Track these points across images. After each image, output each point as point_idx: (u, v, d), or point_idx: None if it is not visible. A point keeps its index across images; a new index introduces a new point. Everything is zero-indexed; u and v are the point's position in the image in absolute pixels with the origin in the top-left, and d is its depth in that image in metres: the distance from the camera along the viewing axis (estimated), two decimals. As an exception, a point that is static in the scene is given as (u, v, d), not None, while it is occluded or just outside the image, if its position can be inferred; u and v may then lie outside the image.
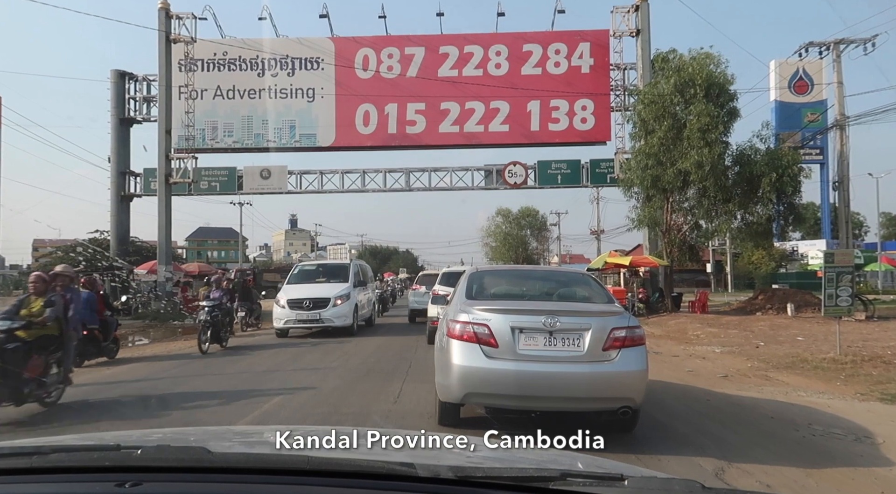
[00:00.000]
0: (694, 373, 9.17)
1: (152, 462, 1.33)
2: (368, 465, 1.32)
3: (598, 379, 4.83)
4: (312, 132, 25.48)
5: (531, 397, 4.87)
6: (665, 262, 20.34)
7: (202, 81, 25.05)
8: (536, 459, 1.63)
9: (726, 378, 8.85)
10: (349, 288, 14.97)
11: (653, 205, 20.11)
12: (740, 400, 7.13)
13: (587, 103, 25.05)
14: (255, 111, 25.45)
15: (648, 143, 18.57)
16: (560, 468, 1.39)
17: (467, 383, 4.87)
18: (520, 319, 4.90)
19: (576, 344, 4.83)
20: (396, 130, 25.36)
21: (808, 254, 48.50)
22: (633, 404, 4.91)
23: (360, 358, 10.80)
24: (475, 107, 25.28)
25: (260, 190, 26.09)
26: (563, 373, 4.80)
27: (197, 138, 24.94)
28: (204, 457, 1.33)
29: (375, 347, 12.54)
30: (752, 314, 20.14)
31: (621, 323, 4.92)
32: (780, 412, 6.46)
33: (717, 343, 13.18)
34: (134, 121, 25.75)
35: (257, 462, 1.39)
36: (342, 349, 12.18)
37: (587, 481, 1.30)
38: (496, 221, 50.77)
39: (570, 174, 25.66)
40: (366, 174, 26.37)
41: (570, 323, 4.87)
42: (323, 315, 14.19)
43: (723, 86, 17.74)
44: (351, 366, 9.87)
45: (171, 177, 23.40)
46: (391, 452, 1.53)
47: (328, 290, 14.63)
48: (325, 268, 16.85)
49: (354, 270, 16.03)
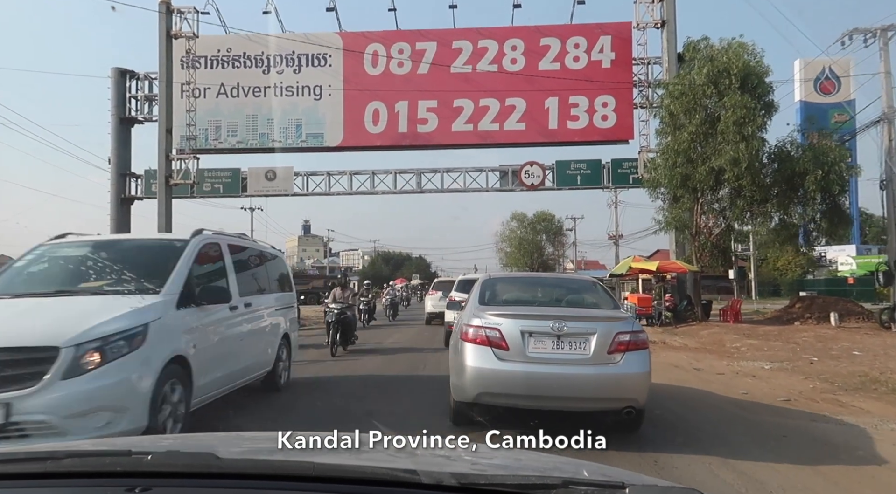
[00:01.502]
0: (750, 397, 7.80)
1: (162, 468, 1.35)
2: (373, 472, 1.37)
3: (604, 381, 5.06)
4: (319, 131, 24.35)
5: (540, 397, 5.06)
6: (695, 267, 18.91)
7: (205, 79, 24.02)
8: (540, 466, 1.66)
9: (789, 402, 7.47)
10: (151, 313, 4.77)
11: (681, 207, 18.72)
12: (826, 434, 5.76)
13: (608, 100, 23.69)
14: (259, 110, 24.38)
15: (677, 139, 17.20)
16: (562, 475, 1.37)
17: (480, 383, 5.09)
18: (529, 324, 5.13)
19: (582, 347, 5.04)
20: (407, 129, 24.16)
21: (836, 260, 46.64)
22: (637, 404, 5.09)
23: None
24: (490, 104, 24.02)
25: (265, 192, 25.00)
26: (570, 375, 5.04)
27: (199, 138, 23.89)
28: (212, 463, 1.34)
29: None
30: (790, 323, 18.64)
31: (625, 328, 5.16)
32: (883, 454, 5.10)
33: (763, 357, 11.76)
34: (135, 120, 24.79)
35: (264, 468, 1.40)
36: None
37: (589, 489, 1.30)
38: (511, 226, 49.54)
39: (590, 175, 24.28)
40: (375, 175, 25.19)
41: (576, 327, 5.09)
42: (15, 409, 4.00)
43: (760, 78, 16.33)
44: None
45: (172, 178, 22.37)
46: (396, 457, 1.57)
47: (66, 318, 4.52)
48: (110, 254, 5.81)
49: (189, 260, 5.54)
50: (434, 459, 1.60)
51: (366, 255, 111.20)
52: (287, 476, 1.34)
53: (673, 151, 17.60)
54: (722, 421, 6.35)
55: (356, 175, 25.25)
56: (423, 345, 13.53)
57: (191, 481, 1.33)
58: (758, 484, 4.29)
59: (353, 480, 1.32)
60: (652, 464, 4.66)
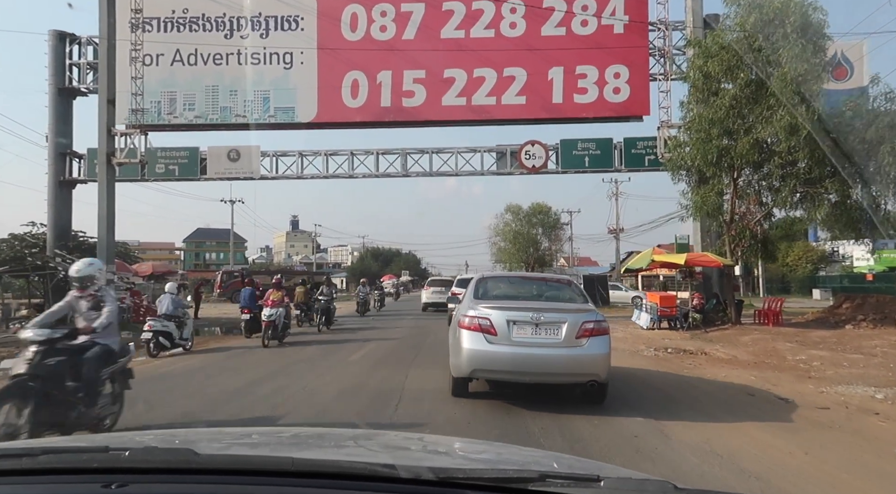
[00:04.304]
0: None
1: (139, 464, 1.34)
2: (351, 466, 1.36)
3: (572, 360, 6.36)
4: (290, 105, 21.19)
5: (522, 372, 6.45)
6: (729, 261, 15.97)
7: (158, 44, 20.83)
8: (519, 460, 1.68)
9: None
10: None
11: (711, 189, 15.77)
12: None
13: (621, 70, 20.68)
14: (221, 80, 21.17)
15: (713, 107, 14.23)
16: (539, 469, 1.40)
17: (474, 362, 6.44)
18: (513, 314, 6.43)
19: (555, 333, 6.34)
20: (391, 103, 21.04)
21: (851, 255, 43.93)
22: (599, 379, 6.40)
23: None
24: (485, 75, 20.95)
25: (227, 174, 21.80)
26: (546, 355, 6.34)
27: (150, 112, 20.71)
28: (191, 459, 1.33)
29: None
30: (840, 326, 15.76)
31: (590, 318, 6.48)
32: None
33: (856, 378, 8.78)
34: (77, 92, 21.50)
35: (242, 464, 1.40)
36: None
37: (565, 482, 1.31)
38: (505, 219, 46.34)
39: (599, 156, 21.28)
40: (354, 156, 22.08)
41: (551, 317, 6.39)
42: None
43: (818, 29, 13.37)
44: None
45: (115, 156, 19.19)
46: (376, 453, 1.60)
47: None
48: None
49: None
50: (413, 454, 1.68)
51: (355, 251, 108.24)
52: (266, 472, 1.33)
53: (706, 122, 14.64)
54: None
55: (333, 156, 22.16)
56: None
57: (169, 477, 1.31)
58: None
59: (331, 475, 1.31)
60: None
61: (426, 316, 23.54)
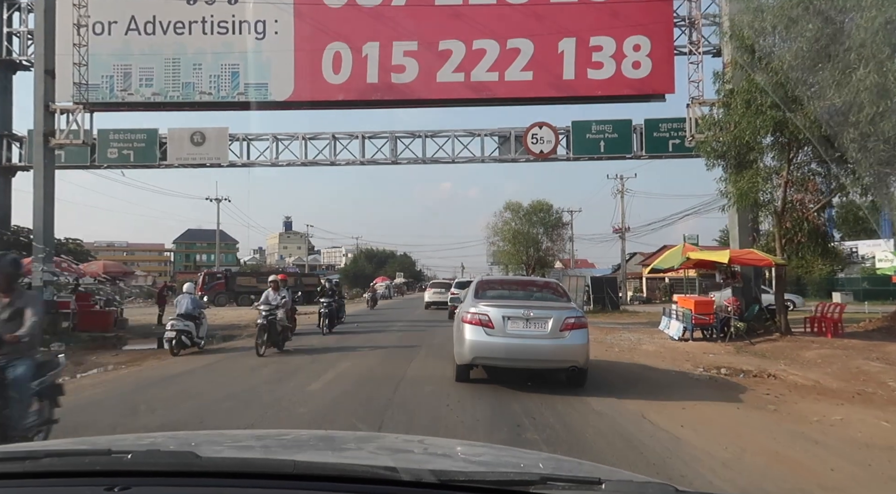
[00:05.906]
0: None
1: (142, 467, 1.34)
2: (352, 469, 1.37)
3: (556, 349, 7.74)
4: (263, 81, 18.48)
5: (515, 359, 7.85)
6: (781, 260, 13.32)
7: (111, 11, 18.14)
8: (520, 463, 1.69)
9: None
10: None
11: (757, 173, 13.16)
12: None
13: (641, 41, 18.06)
14: (183, 52, 18.44)
15: (769, 70, 11.58)
16: (541, 472, 1.40)
17: (474, 351, 7.82)
18: (508, 311, 7.79)
19: (542, 326, 7.70)
20: (378, 79, 18.36)
21: (873, 256, 41.38)
22: (579, 365, 7.78)
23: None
24: (486, 47, 18.30)
25: (191, 160, 19.02)
26: (535, 345, 7.71)
27: (102, 88, 18.01)
28: (193, 462, 1.33)
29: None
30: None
31: (572, 314, 7.86)
32: None
33: None
34: (17, 65, 18.71)
35: (244, 467, 1.40)
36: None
37: (566, 484, 1.31)
38: (504, 217, 43.72)
39: (616, 140, 18.62)
40: (337, 140, 19.34)
41: (539, 313, 7.80)
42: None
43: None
44: None
45: (54, 136, 16.43)
46: (377, 455, 1.61)
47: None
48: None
49: None
50: (414, 456, 1.69)
51: (349, 253, 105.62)
52: (268, 475, 1.32)
53: (757, 90, 12.01)
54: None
55: (312, 140, 19.42)
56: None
57: (171, 480, 1.31)
58: None
59: (333, 478, 1.31)
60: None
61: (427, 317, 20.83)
